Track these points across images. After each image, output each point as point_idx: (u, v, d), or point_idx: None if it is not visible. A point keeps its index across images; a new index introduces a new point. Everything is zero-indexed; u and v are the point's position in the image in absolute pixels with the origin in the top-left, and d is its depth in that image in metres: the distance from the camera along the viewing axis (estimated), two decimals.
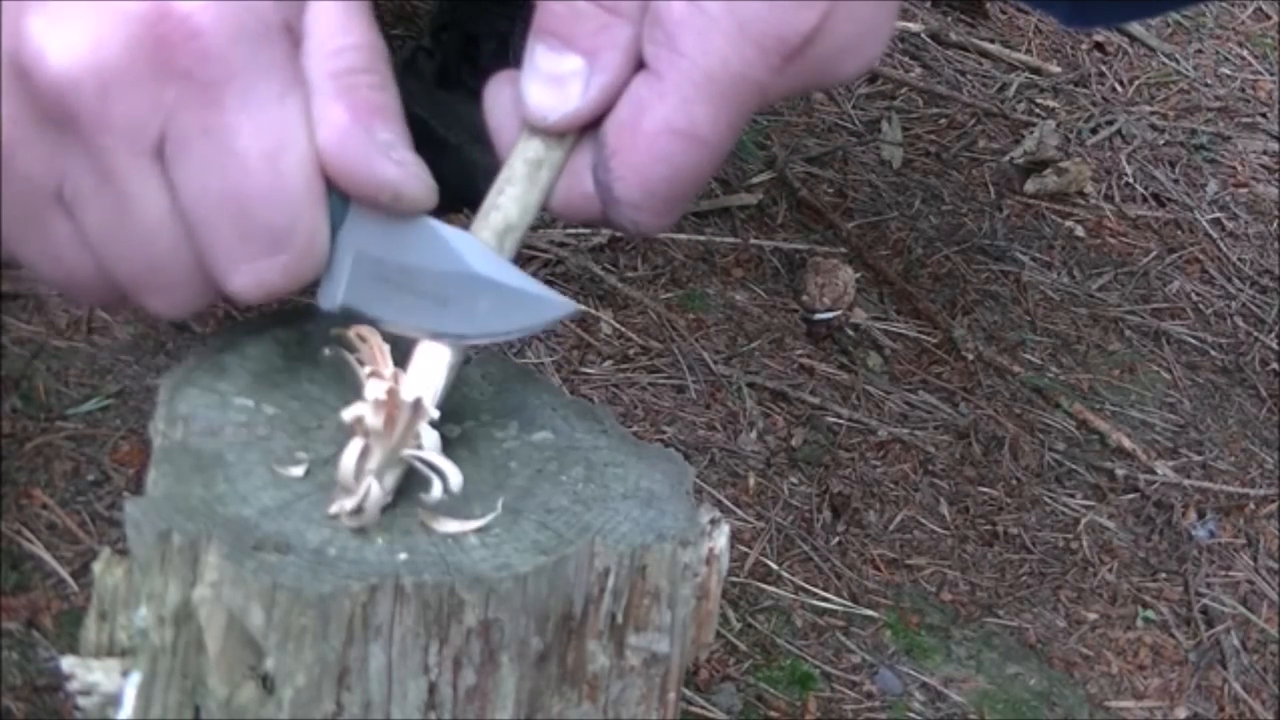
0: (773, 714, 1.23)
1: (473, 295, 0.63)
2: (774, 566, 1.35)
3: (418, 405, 0.61)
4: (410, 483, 0.64)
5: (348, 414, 0.61)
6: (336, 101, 0.60)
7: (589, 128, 0.64)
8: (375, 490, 0.61)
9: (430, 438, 0.63)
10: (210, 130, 0.59)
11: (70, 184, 0.61)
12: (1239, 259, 1.91)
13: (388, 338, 0.64)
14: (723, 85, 0.61)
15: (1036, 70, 2.19)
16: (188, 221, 0.61)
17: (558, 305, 0.65)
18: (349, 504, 0.61)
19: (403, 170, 0.61)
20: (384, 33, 0.64)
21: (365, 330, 0.63)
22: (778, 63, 0.61)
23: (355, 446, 0.61)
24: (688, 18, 0.60)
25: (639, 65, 0.63)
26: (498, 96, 0.66)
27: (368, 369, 0.62)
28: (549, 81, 0.63)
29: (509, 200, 0.65)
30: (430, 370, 0.64)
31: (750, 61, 0.61)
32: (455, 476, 0.63)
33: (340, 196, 0.62)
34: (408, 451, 0.62)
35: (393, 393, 0.61)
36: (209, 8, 0.58)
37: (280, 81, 0.60)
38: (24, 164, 0.60)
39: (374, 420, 0.62)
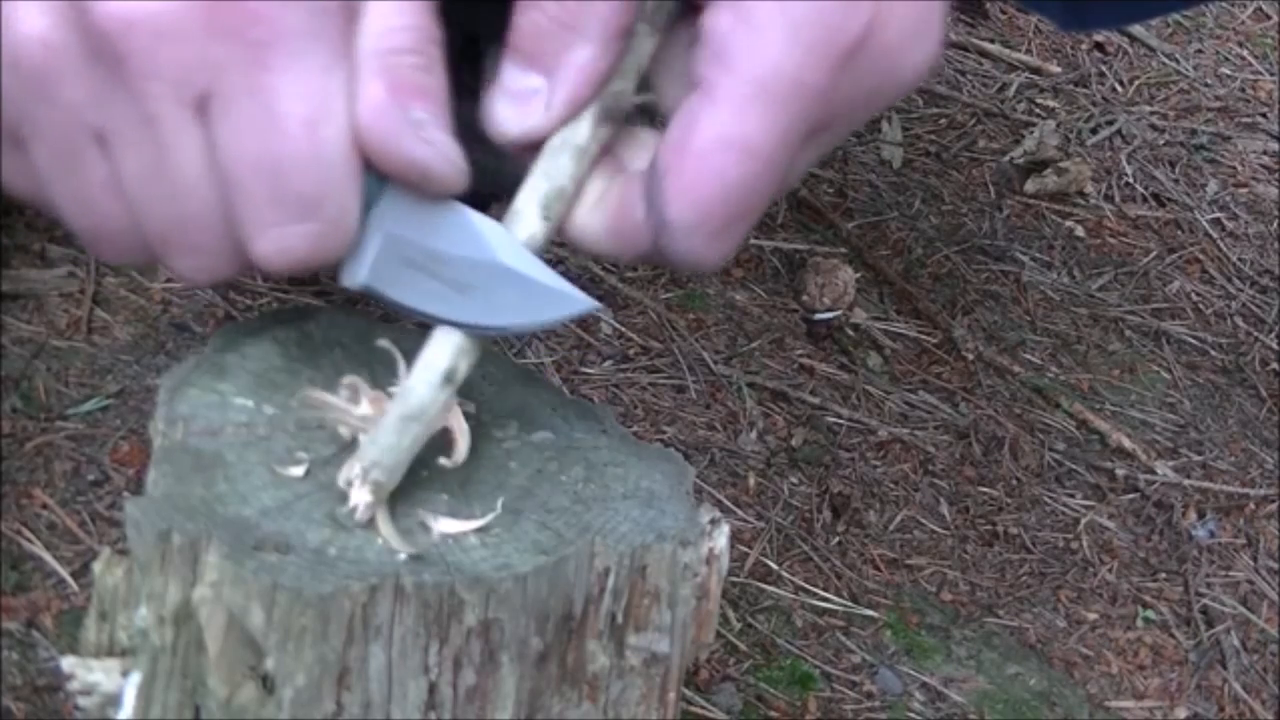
0: (773, 714, 1.23)
1: (496, 285, 0.63)
2: (774, 566, 1.35)
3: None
4: (410, 484, 0.64)
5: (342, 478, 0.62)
6: (377, 77, 0.60)
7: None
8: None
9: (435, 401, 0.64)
10: (254, 90, 0.59)
11: (112, 126, 0.61)
12: (1239, 259, 1.91)
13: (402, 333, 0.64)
14: (775, 92, 0.59)
15: (1036, 70, 2.19)
16: (222, 180, 0.61)
17: (579, 302, 0.65)
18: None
19: (431, 149, 0.61)
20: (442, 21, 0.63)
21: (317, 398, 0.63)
22: (831, 65, 0.60)
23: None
24: (735, 28, 0.59)
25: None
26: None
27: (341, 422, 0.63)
28: (512, 98, 0.63)
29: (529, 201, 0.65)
30: (436, 357, 0.64)
31: (803, 65, 0.59)
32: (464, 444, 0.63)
33: (377, 176, 0.62)
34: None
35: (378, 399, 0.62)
36: None
37: (329, 53, 0.60)
38: (68, 95, 0.60)
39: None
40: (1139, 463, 1.57)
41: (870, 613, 1.34)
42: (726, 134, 0.60)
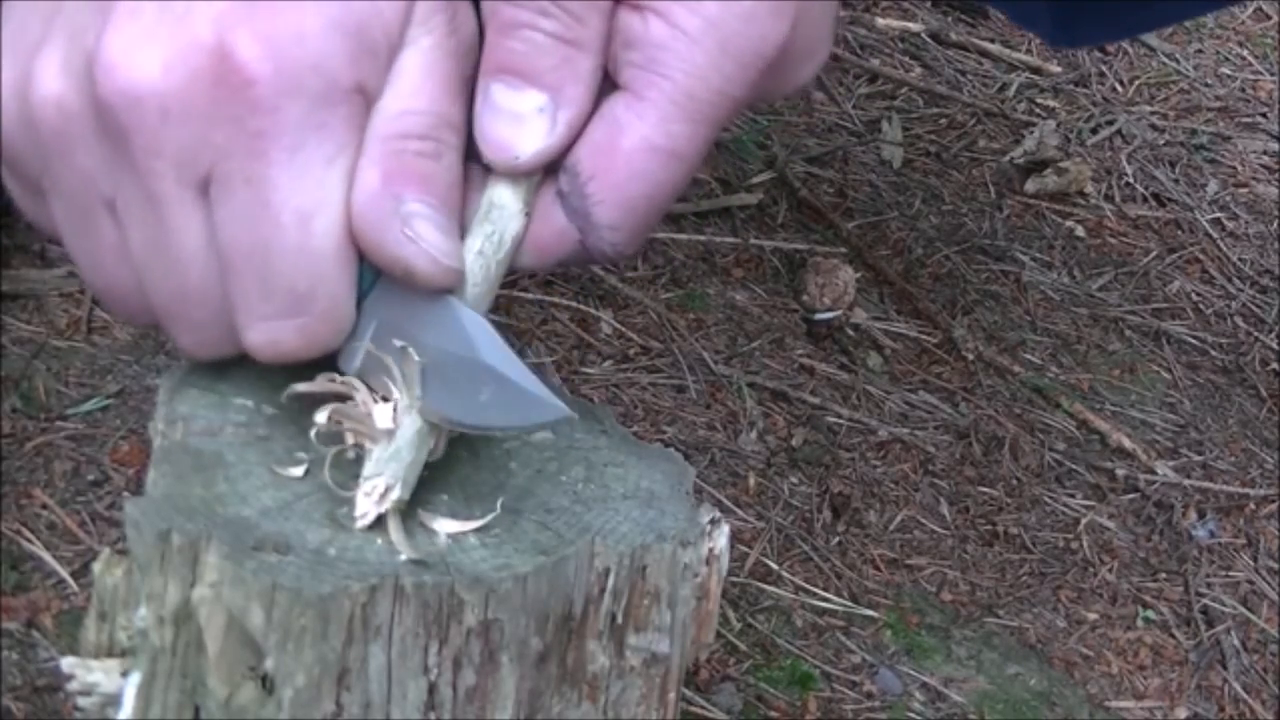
0: (773, 714, 1.23)
1: (478, 384, 0.63)
2: (774, 566, 1.35)
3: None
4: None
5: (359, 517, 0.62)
6: (375, 165, 0.60)
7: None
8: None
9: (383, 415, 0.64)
10: (251, 179, 0.58)
11: (120, 196, 0.61)
12: (1239, 259, 1.91)
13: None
14: (703, 103, 0.61)
15: (1037, 70, 2.19)
16: (221, 265, 0.61)
17: (555, 410, 0.64)
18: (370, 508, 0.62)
19: (415, 248, 0.60)
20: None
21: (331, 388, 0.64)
22: (755, 77, 0.62)
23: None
24: (668, 39, 0.60)
25: (608, 85, 0.62)
26: None
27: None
28: (512, 121, 0.62)
29: (467, 256, 0.64)
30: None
31: (730, 78, 0.61)
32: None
33: (372, 264, 0.62)
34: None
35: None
36: (270, 59, 0.57)
37: (334, 144, 0.59)
38: (81, 162, 0.61)
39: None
40: (1139, 463, 1.57)
41: (870, 613, 1.34)
42: (655, 141, 0.61)
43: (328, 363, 0.65)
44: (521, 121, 0.62)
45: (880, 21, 2.20)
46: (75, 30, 0.60)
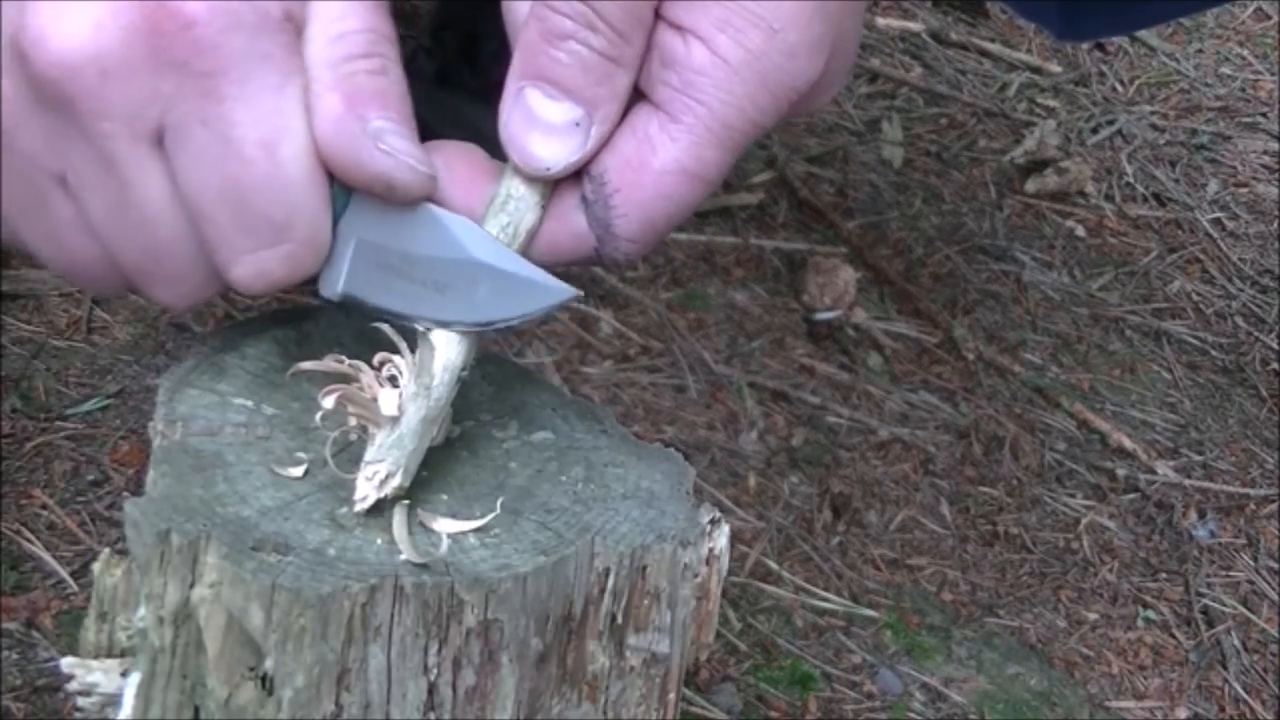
0: (773, 714, 1.23)
1: (472, 281, 0.63)
2: (774, 566, 1.35)
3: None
4: (410, 484, 0.64)
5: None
6: (332, 90, 0.60)
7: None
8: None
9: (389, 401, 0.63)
10: (207, 120, 0.59)
11: (72, 169, 0.61)
12: (1239, 259, 1.91)
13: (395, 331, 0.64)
14: (736, 131, 0.62)
15: (1037, 70, 2.19)
16: (189, 210, 0.61)
17: (558, 291, 0.65)
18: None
19: (393, 160, 0.61)
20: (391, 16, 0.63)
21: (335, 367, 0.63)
22: (786, 110, 0.63)
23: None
24: (709, 67, 0.61)
25: (635, 95, 0.63)
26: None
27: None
28: (547, 131, 0.62)
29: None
30: (451, 358, 0.64)
31: (764, 110, 0.62)
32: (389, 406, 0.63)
33: (342, 184, 0.62)
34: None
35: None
36: None
37: (278, 72, 0.60)
38: (25, 145, 0.60)
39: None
40: (1139, 463, 1.57)
41: (870, 613, 1.34)
42: (685, 164, 0.62)
43: (326, 348, 0.65)
44: (554, 132, 0.62)
45: (880, 21, 2.20)
46: None
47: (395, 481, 0.62)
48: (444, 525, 0.63)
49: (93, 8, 0.57)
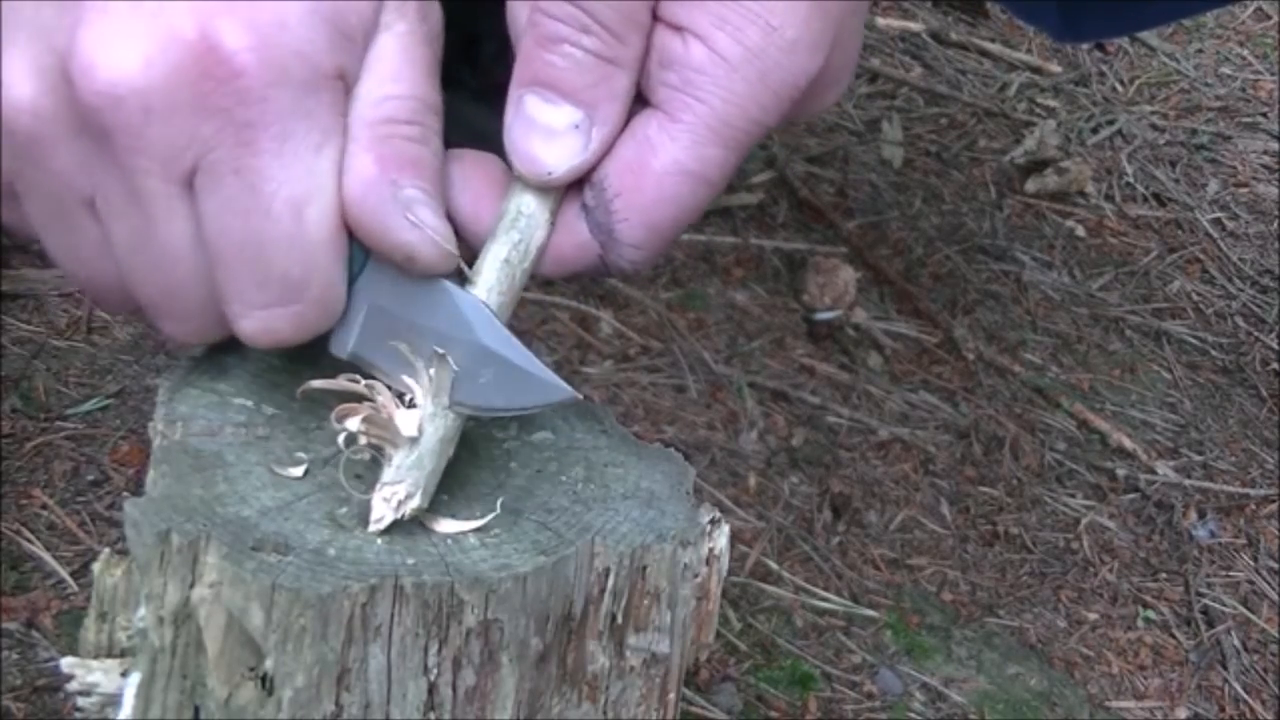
0: (773, 714, 1.23)
1: (476, 366, 0.63)
2: (774, 566, 1.35)
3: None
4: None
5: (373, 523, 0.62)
6: (367, 151, 0.60)
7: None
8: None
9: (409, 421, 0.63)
10: (241, 170, 0.58)
11: (102, 195, 0.61)
12: (1239, 259, 1.91)
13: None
14: (737, 130, 0.61)
15: (1037, 70, 2.18)
16: (209, 256, 0.60)
17: (558, 390, 0.64)
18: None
19: (418, 234, 0.61)
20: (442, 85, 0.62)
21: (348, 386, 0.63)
22: (788, 107, 0.62)
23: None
24: (708, 65, 0.60)
25: (638, 101, 0.62)
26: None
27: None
28: (548, 136, 0.62)
29: (493, 264, 0.64)
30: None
31: (766, 108, 0.61)
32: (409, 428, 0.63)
33: (362, 245, 0.62)
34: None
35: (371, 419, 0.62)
36: (256, 49, 0.57)
37: (319, 130, 0.59)
38: (58, 164, 0.60)
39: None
40: (1139, 463, 1.57)
41: (870, 613, 1.34)
42: (686, 164, 0.61)
43: (330, 356, 0.65)
44: (554, 136, 0.62)
45: (880, 21, 2.20)
46: (38, 31, 0.59)
47: (414, 503, 0.62)
48: (444, 525, 0.63)
49: (145, 42, 0.57)
